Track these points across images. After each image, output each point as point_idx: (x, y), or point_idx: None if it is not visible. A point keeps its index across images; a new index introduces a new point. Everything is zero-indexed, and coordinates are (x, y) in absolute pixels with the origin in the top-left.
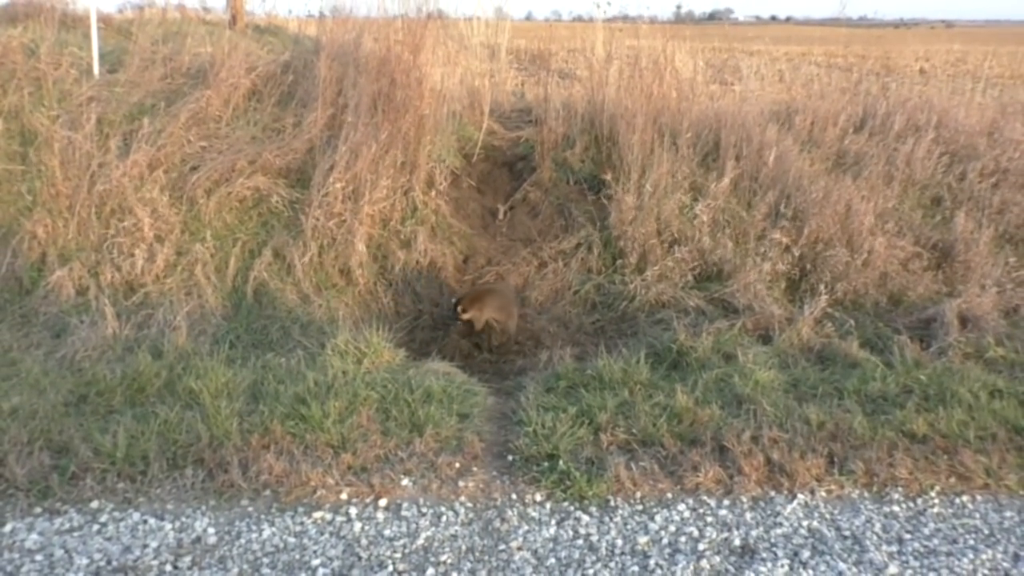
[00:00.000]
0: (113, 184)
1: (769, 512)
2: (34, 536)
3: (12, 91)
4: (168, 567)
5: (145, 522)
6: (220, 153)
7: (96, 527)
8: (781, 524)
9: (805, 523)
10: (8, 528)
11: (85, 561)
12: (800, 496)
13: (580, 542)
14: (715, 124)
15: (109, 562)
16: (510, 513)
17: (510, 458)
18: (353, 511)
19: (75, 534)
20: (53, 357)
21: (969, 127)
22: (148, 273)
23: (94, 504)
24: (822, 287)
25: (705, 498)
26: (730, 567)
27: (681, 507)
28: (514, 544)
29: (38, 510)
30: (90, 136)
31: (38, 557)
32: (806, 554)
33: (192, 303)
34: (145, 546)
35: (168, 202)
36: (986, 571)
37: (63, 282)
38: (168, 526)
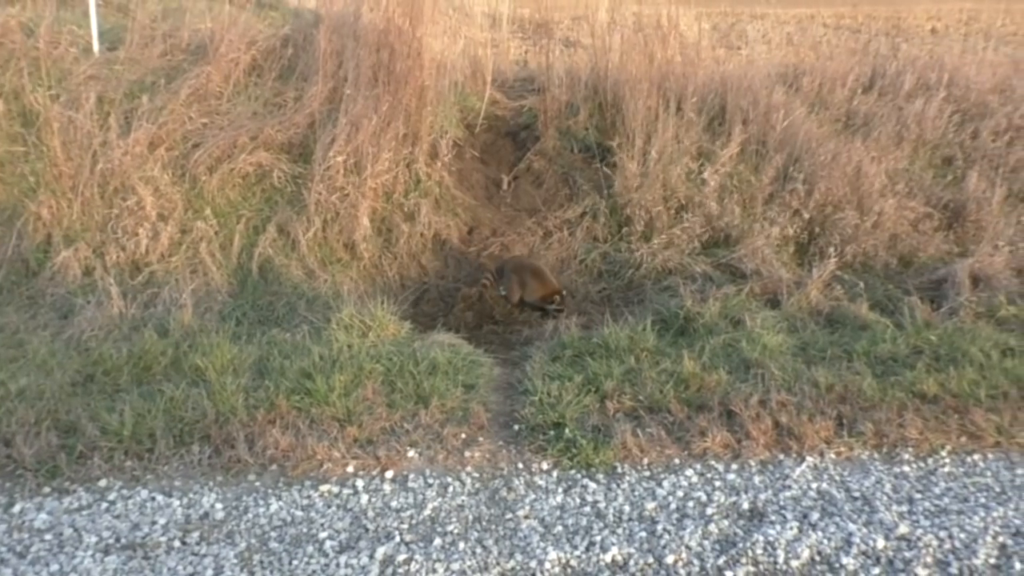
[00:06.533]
0: (115, 163)
1: (778, 475)
2: (43, 515)
3: (12, 71)
4: (176, 543)
5: (153, 499)
6: (221, 129)
7: (104, 505)
8: (790, 487)
9: (814, 485)
10: (17, 508)
11: (94, 539)
12: (809, 459)
13: (587, 509)
14: (721, 88)
15: (118, 539)
16: (517, 482)
17: (516, 427)
18: (360, 483)
19: (84, 512)
20: (60, 337)
21: (980, 85)
22: (153, 252)
23: (102, 482)
24: (831, 250)
25: (713, 463)
26: (739, 530)
27: (689, 472)
28: (521, 513)
29: (47, 490)
30: (90, 115)
31: (47, 536)
32: (815, 516)
33: (197, 281)
34: (153, 523)
35: (170, 180)
36: (997, 528)
37: (69, 263)
38: (176, 502)
